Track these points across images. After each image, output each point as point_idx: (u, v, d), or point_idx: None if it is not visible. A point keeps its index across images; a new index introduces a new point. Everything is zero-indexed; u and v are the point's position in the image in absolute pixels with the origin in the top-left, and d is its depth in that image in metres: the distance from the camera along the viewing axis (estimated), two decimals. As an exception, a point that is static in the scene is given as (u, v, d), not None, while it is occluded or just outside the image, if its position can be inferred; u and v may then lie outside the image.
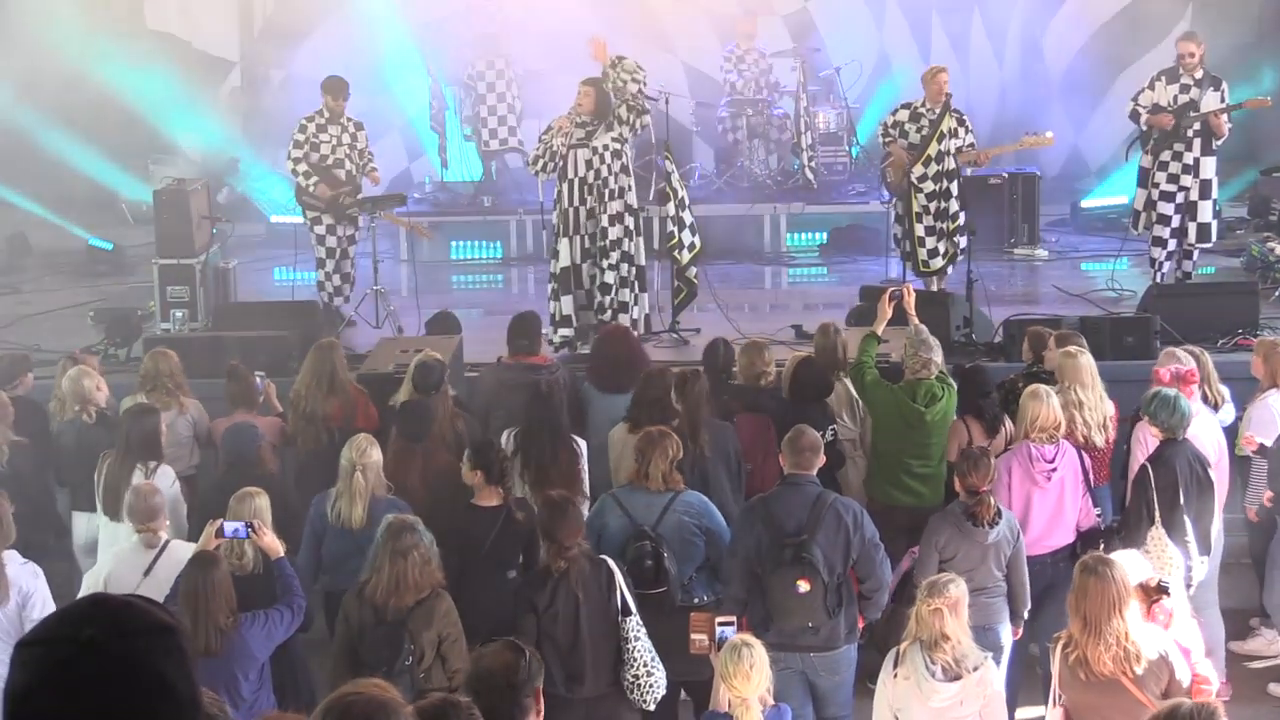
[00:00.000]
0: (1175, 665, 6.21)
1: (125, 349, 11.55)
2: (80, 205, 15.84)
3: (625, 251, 11.37)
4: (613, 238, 11.28)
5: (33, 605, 6.99)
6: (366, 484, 7.70)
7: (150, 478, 8.07)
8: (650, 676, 6.73)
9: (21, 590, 7.03)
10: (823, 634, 7.20)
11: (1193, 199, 12.16)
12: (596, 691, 6.75)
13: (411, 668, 6.54)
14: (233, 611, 6.64)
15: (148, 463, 8.25)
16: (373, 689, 3.81)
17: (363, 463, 7.71)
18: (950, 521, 7.57)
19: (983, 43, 16.78)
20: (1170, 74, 12.19)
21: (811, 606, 7.12)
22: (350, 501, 7.68)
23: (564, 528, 6.83)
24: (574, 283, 11.37)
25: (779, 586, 7.14)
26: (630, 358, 9.44)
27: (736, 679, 6.02)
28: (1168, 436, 8.06)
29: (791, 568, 7.11)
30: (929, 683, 6.37)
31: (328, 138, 12.34)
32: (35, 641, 2.23)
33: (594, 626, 6.73)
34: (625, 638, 6.74)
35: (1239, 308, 11.48)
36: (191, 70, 16.49)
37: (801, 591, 7.09)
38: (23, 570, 7.10)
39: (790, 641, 7.16)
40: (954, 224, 12.12)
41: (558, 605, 6.74)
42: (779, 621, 7.16)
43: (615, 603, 6.78)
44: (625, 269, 11.39)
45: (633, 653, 6.72)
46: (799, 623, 7.15)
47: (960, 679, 6.39)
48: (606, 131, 11.22)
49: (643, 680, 6.71)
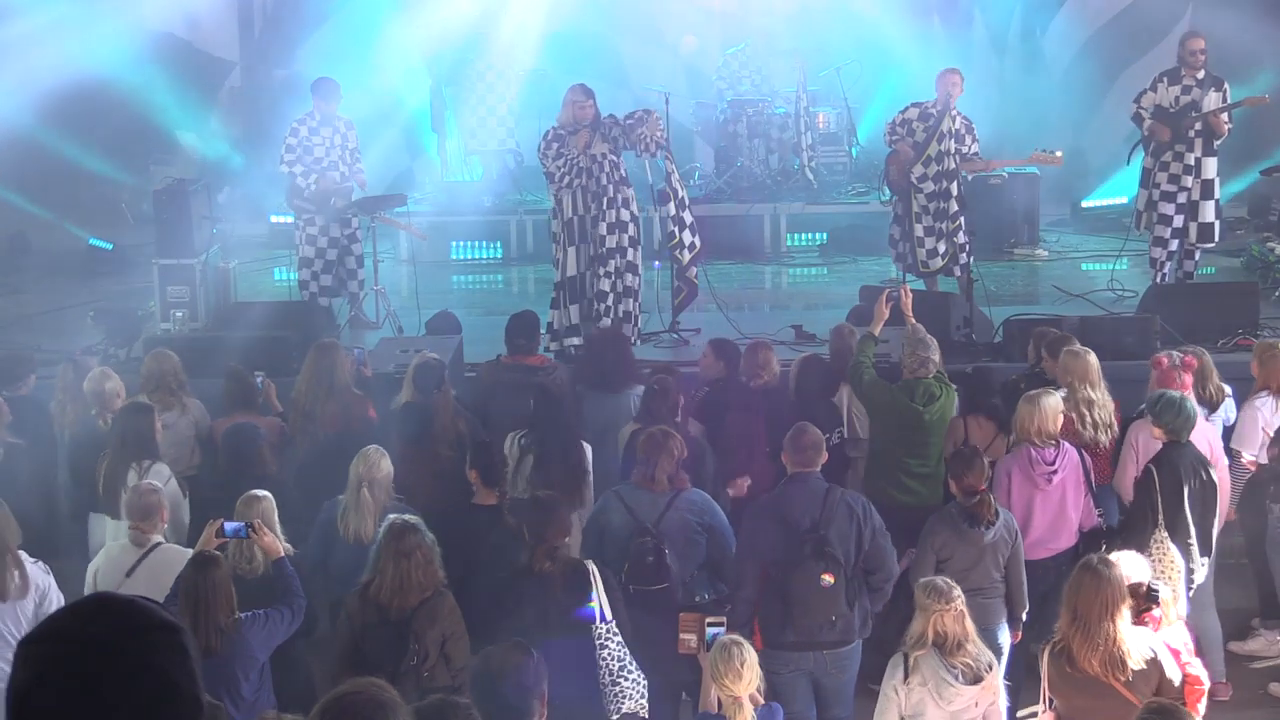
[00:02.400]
0: (1165, 666, 6.21)
1: (125, 349, 11.55)
2: (80, 205, 15.84)
3: (629, 261, 11.35)
4: (610, 246, 11.27)
5: (49, 601, 6.99)
6: (374, 500, 7.58)
7: (145, 476, 8.05)
8: (616, 686, 6.59)
9: (39, 587, 7.04)
10: (840, 627, 7.20)
11: (1194, 199, 12.17)
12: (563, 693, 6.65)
13: (416, 667, 6.54)
14: (233, 611, 6.63)
15: (141, 461, 8.24)
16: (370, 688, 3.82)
17: (371, 477, 7.59)
18: (947, 523, 7.56)
19: (983, 43, 16.78)
20: (1172, 75, 12.20)
21: (835, 599, 7.13)
22: (359, 516, 7.59)
23: (552, 528, 6.84)
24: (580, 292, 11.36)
25: (802, 582, 7.13)
26: (619, 358, 9.47)
27: (728, 678, 6.02)
28: (1172, 439, 8.03)
29: (814, 562, 7.11)
30: (950, 687, 6.34)
31: (320, 139, 12.33)
32: (39, 639, 2.23)
33: (564, 629, 6.66)
34: (596, 644, 6.66)
35: (1239, 308, 11.47)
36: (191, 70, 16.50)
37: (826, 585, 7.10)
38: (35, 568, 7.10)
39: (809, 639, 7.16)
40: (953, 224, 12.13)
41: (531, 605, 6.72)
42: (801, 618, 7.15)
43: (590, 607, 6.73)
44: (630, 279, 11.37)
45: (600, 659, 6.62)
46: (821, 617, 7.15)
47: (980, 679, 6.39)
48: (604, 141, 11.22)
49: (608, 689, 6.59)
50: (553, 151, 11.20)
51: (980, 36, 16.87)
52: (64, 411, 9.15)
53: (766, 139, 15.79)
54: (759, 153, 15.76)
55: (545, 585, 6.76)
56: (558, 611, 6.71)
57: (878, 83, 16.42)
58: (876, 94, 16.40)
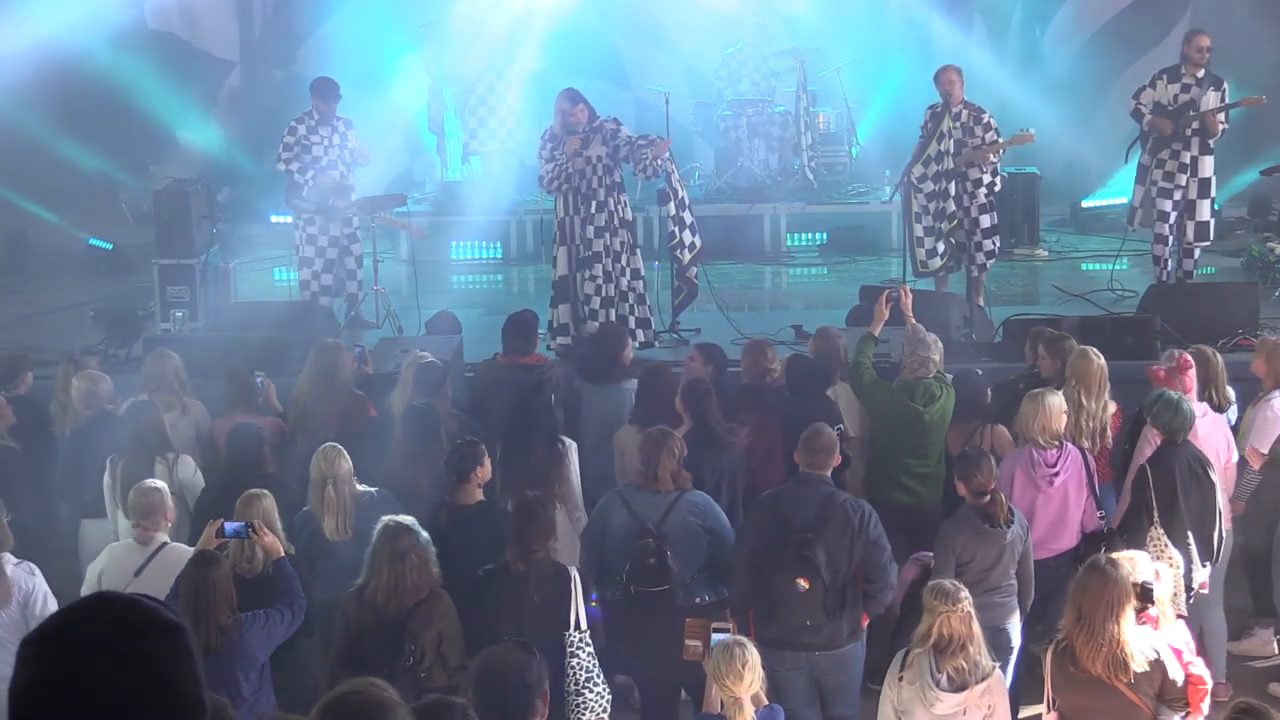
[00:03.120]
0: (1168, 666, 6.21)
1: (125, 349, 11.55)
2: (80, 205, 15.84)
3: (623, 265, 11.33)
4: (597, 249, 11.28)
5: (35, 602, 6.97)
6: (339, 496, 7.59)
7: (174, 468, 8.05)
8: (579, 696, 6.52)
9: (22, 589, 7.01)
10: (825, 632, 7.20)
11: (1191, 198, 12.19)
12: None
13: (413, 668, 6.53)
14: (233, 611, 6.64)
15: (165, 455, 8.25)
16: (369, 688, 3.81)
17: (334, 474, 7.60)
18: (966, 525, 7.52)
19: (983, 42, 16.77)
20: (1172, 73, 12.22)
21: (810, 606, 7.12)
22: (330, 515, 7.58)
23: (532, 530, 6.83)
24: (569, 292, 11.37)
25: (780, 583, 7.15)
26: (614, 349, 9.49)
27: (729, 678, 6.01)
28: (1168, 439, 8.04)
29: (792, 566, 7.11)
30: (932, 690, 6.35)
31: (319, 139, 12.33)
32: (40, 639, 2.22)
33: (536, 632, 6.57)
34: (567, 650, 6.61)
35: (1239, 308, 11.47)
36: (191, 70, 16.49)
37: (800, 590, 7.09)
38: (18, 570, 7.05)
39: (793, 638, 7.15)
40: (952, 224, 12.12)
41: (504, 605, 6.71)
42: (780, 617, 7.17)
43: (565, 614, 6.71)
44: (625, 282, 11.37)
45: (568, 668, 6.57)
46: (798, 620, 7.16)
47: (965, 689, 6.37)
48: (601, 145, 11.22)
49: (571, 698, 6.53)
50: (546, 152, 11.24)
51: (980, 36, 16.85)
52: (63, 411, 9.15)
53: (766, 139, 15.78)
54: (759, 153, 15.75)
55: (519, 586, 6.74)
56: (532, 614, 6.69)
57: (878, 83, 16.41)
58: (876, 94, 16.40)
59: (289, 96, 15.42)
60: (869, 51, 16.40)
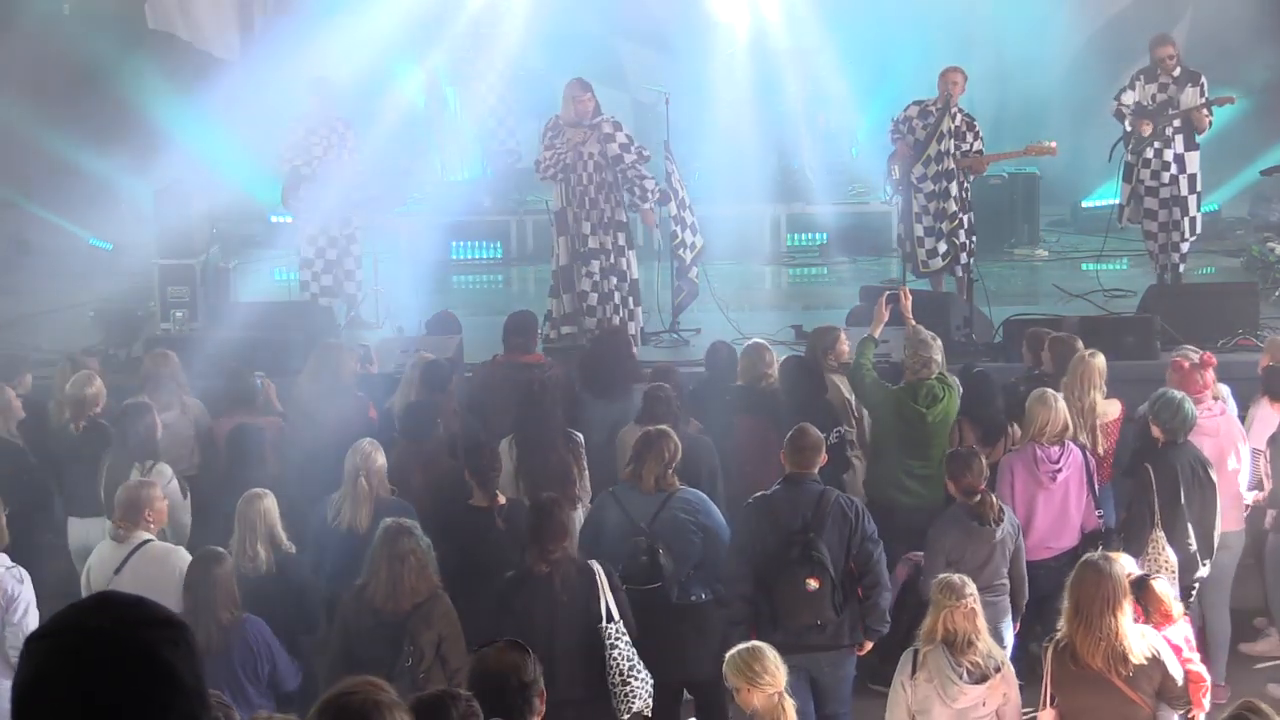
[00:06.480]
0: (1168, 663, 6.22)
1: (125, 349, 11.54)
2: (80, 205, 15.83)
3: (611, 265, 11.33)
4: (592, 246, 11.28)
5: (15, 609, 6.89)
6: (370, 489, 7.67)
7: (148, 476, 8.04)
8: (625, 686, 6.66)
9: (6, 593, 6.92)
10: (829, 631, 7.20)
11: (1177, 194, 12.22)
12: (570, 695, 6.64)
13: (412, 668, 6.54)
14: (235, 609, 6.63)
15: (144, 461, 8.23)
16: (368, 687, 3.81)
17: (367, 468, 7.69)
18: (956, 524, 7.54)
19: (983, 42, 16.76)
20: (1149, 73, 12.31)
21: (820, 604, 7.13)
22: (355, 506, 7.64)
23: (548, 531, 6.84)
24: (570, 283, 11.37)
25: (787, 585, 7.13)
26: (617, 363, 9.46)
27: (766, 676, 5.94)
28: (1168, 439, 8.05)
29: (800, 566, 7.10)
30: (955, 685, 6.34)
31: (318, 139, 12.34)
32: (44, 634, 2.25)
33: (570, 630, 6.69)
34: (604, 644, 6.69)
35: (1239, 308, 11.48)
36: (191, 70, 16.48)
37: (811, 589, 7.09)
38: (7, 575, 6.97)
39: (797, 641, 7.14)
40: (952, 224, 12.12)
41: (534, 607, 6.73)
42: (786, 620, 7.15)
43: (596, 608, 6.76)
44: (613, 281, 11.36)
45: (610, 660, 6.67)
46: (807, 620, 7.15)
47: (986, 679, 6.39)
48: (596, 143, 11.22)
49: (618, 689, 6.66)
50: (546, 139, 11.27)
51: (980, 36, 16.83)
52: (62, 411, 9.14)
53: (767, 139, 15.76)
54: (760, 153, 15.73)
55: (545, 587, 6.75)
56: (563, 613, 6.71)
57: (878, 83, 16.40)
58: (876, 94, 16.38)
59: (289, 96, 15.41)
60: (869, 51, 16.39)
